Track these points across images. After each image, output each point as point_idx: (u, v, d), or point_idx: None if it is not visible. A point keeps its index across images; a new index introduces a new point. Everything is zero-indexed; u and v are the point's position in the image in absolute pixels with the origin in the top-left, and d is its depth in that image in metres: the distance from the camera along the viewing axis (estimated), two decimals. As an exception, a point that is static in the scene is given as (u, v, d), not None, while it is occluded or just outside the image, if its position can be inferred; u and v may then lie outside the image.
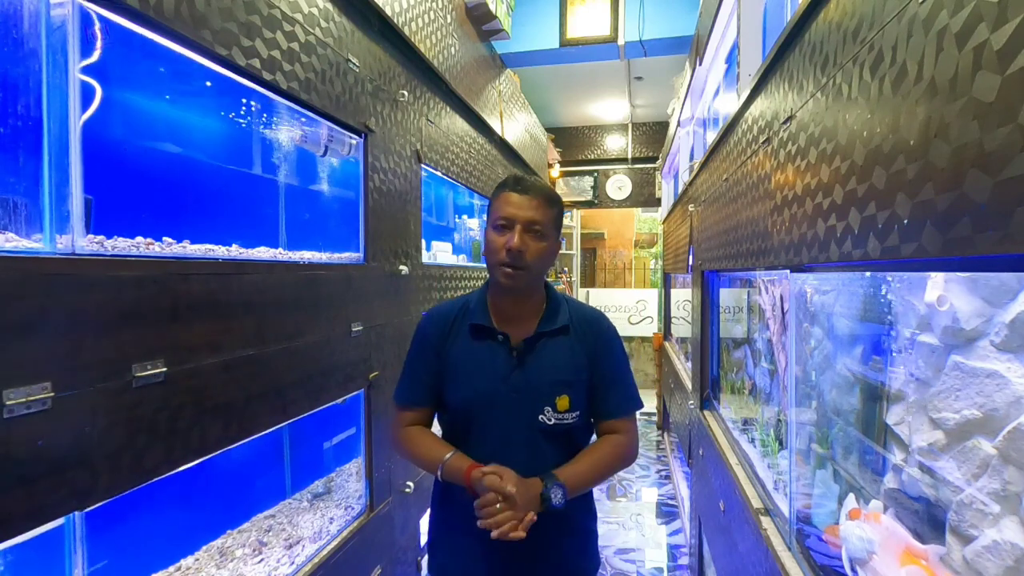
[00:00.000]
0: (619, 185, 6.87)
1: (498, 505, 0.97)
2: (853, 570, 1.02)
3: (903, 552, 0.94)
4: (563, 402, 1.11)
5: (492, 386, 1.11)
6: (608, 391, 1.16)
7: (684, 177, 3.84)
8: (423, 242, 2.31)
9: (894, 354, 1.11)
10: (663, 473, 4.67)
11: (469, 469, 1.04)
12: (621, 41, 3.83)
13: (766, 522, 1.36)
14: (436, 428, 1.22)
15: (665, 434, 5.47)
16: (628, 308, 7.33)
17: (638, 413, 1.21)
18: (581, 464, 1.10)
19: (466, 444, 1.12)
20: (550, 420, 1.10)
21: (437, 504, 1.20)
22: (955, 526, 0.87)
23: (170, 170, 1.40)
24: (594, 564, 1.22)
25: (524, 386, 1.10)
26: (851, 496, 1.14)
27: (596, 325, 1.19)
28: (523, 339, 1.13)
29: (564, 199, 6.96)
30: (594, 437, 1.20)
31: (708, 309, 2.69)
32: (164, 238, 1.15)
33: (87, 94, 0.96)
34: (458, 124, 2.80)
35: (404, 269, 2.06)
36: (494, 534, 0.95)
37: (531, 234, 1.08)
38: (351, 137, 1.76)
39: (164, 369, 0.99)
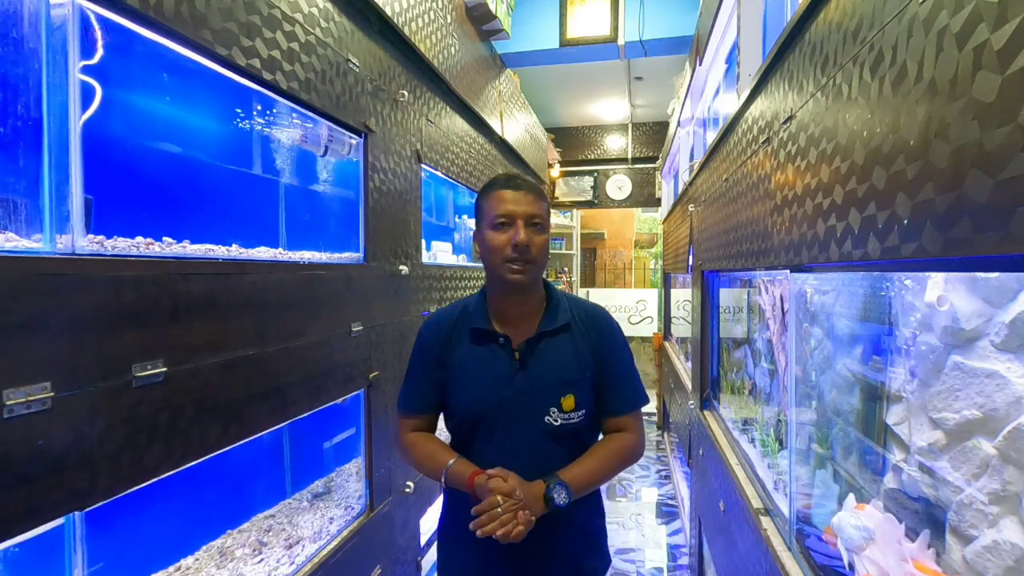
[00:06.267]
0: (619, 185, 6.87)
1: (499, 509, 0.96)
2: (849, 558, 1.02)
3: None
4: (569, 402, 1.10)
5: (496, 391, 1.10)
6: (614, 388, 1.15)
7: (684, 177, 3.84)
8: (423, 242, 2.31)
9: (893, 354, 1.11)
10: (663, 473, 4.67)
11: (472, 475, 1.03)
12: (621, 41, 3.83)
13: (766, 522, 1.36)
14: (441, 430, 1.22)
15: (665, 434, 5.47)
16: (628, 308, 7.32)
17: (638, 411, 1.20)
18: (585, 463, 1.09)
19: (473, 449, 1.11)
20: (556, 421, 1.09)
21: (447, 500, 1.20)
22: (955, 526, 0.87)
23: (170, 170, 1.40)
24: (604, 563, 1.20)
25: (528, 388, 1.09)
26: (851, 496, 1.14)
27: (598, 320, 1.18)
28: (524, 340, 1.12)
29: (564, 199, 6.95)
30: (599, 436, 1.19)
31: (708, 309, 2.69)
32: (164, 238, 1.15)
33: (87, 94, 0.96)
34: (458, 124, 2.80)
35: (404, 269, 2.06)
36: (496, 535, 0.95)
37: (533, 228, 1.09)
38: (351, 137, 1.76)
39: (164, 369, 0.99)
